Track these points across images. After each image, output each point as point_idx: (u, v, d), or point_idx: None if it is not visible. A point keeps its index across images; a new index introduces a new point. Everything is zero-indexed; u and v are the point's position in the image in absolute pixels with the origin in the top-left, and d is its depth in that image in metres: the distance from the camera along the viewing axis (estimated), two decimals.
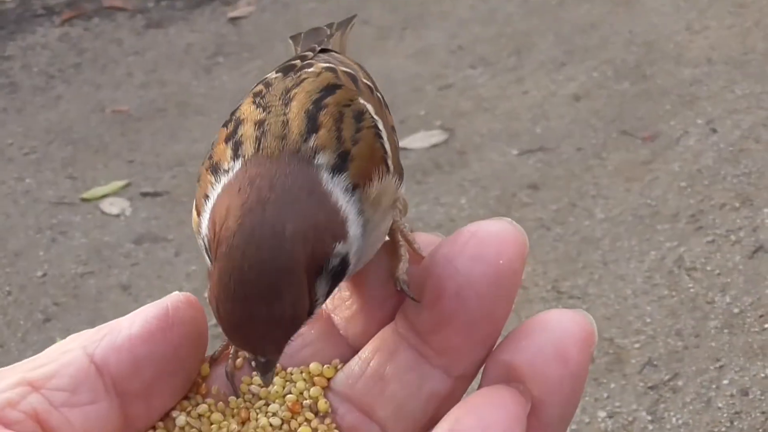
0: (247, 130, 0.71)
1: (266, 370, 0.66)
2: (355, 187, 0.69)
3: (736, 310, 3.31)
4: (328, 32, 0.99)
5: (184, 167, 4.41)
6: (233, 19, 5.68)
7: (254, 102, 0.74)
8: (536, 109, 4.51)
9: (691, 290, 3.41)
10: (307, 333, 0.70)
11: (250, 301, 0.62)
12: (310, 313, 0.65)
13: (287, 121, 0.70)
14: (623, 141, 4.19)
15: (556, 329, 0.59)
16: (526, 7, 5.33)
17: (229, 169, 0.69)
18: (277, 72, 0.80)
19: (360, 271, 0.71)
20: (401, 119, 4.45)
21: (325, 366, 0.69)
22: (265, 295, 0.62)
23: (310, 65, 0.80)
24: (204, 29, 5.59)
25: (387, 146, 0.76)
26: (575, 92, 4.56)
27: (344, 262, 0.66)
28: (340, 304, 0.71)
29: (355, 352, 0.68)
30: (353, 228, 0.68)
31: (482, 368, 0.64)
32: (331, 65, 0.81)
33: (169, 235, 4.00)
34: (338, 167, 0.69)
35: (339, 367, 0.69)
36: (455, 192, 4.10)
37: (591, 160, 4.11)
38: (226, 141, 0.72)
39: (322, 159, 0.68)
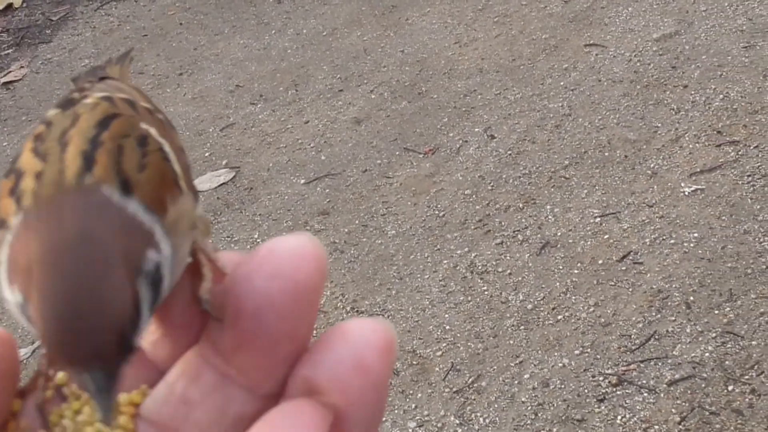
0: (27, 183, 0.66)
1: (101, 392, 0.59)
2: (151, 210, 0.65)
3: (529, 306, 3.36)
4: (107, 69, 0.95)
5: None
6: (6, 84, 5.51)
7: (34, 149, 0.69)
8: (319, 137, 4.51)
9: (486, 293, 3.45)
10: None
11: (73, 303, 0.58)
12: (138, 316, 0.60)
13: (63, 169, 0.66)
14: (406, 157, 4.23)
15: (354, 339, 0.56)
16: (299, 40, 5.34)
17: (13, 224, 0.64)
18: (57, 107, 0.75)
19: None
20: None
21: (133, 392, 0.64)
22: (87, 295, 0.58)
23: (87, 97, 0.76)
24: None
25: (177, 168, 0.72)
26: (355, 116, 4.59)
27: (159, 271, 0.62)
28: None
29: (164, 376, 0.64)
30: (159, 238, 0.64)
31: None
32: (107, 94, 0.76)
33: None
34: (125, 192, 0.64)
35: (147, 392, 0.64)
36: (248, 228, 4.05)
37: (377, 180, 4.13)
38: (10, 194, 0.67)
39: (107, 188, 0.64)
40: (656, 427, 2.92)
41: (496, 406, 3.07)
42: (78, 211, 0.62)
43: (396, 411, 3.09)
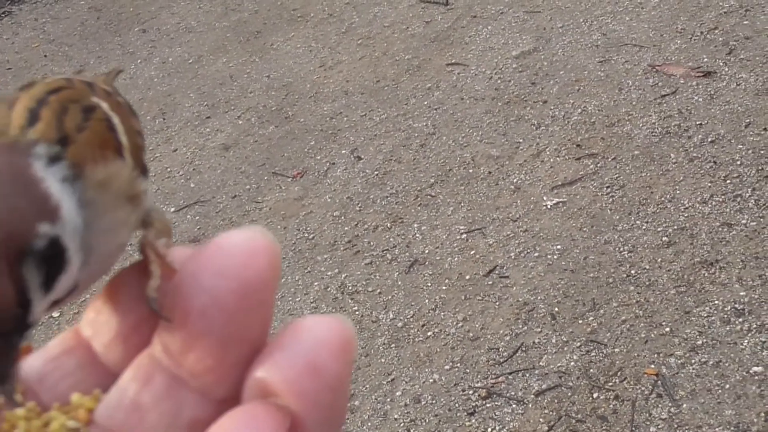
0: None
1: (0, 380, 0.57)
2: (76, 170, 0.63)
3: (400, 324, 3.40)
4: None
5: None
6: None
7: None
8: (188, 165, 4.50)
9: (357, 312, 3.48)
10: (65, 363, 0.63)
11: None
12: (26, 303, 0.58)
13: (9, 122, 0.64)
14: (275, 182, 4.24)
15: (308, 338, 0.53)
16: (165, 69, 5.32)
17: None
18: (18, 89, 0.73)
19: (114, 292, 0.64)
20: None
21: (86, 397, 0.62)
22: None
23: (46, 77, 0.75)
24: None
25: (123, 139, 0.70)
26: (223, 143, 4.58)
27: (57, 246, 0.60)
28: (97, 330, 0.63)
29: (117, 379, 0.60)
30: (68, 210, 0.61)
31: None
32: (67, 76, 0.75)
33: None
34: (56, 155, 0.63)
35: (100, 397, 0.62)
36: (119, 259, 4.00)
37: (247, 205, 4.13)
38: None
39: (40, 149, 0.62)
40: None
41: (369, 424, 3.09)
42: None
43: None
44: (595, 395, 3.03)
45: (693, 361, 3.07)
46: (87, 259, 0.64)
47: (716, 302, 3.23)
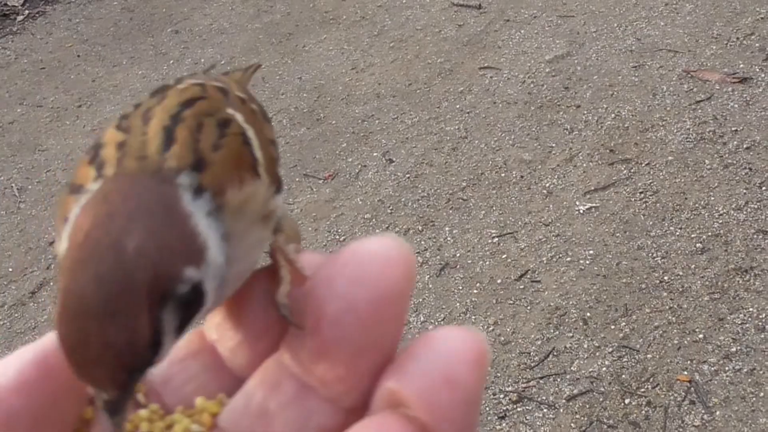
0: (109, 152, 0.64)
1: (113, 412, 0.57)
2: (218, 200, 0.62)
3: (430, 327, 3.38)
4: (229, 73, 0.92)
5: None
6: None
7: (117, 125, 0.67)
8: None
9: None
10: (190, 366, 0.63)
11: (84, 320, 0.55)
12: (157, 344, 0.58)
13: (146, 141, 0.64)
14: (307, 183, 4.24)
15: (443, 350, 0.52)
16: (197, 69, 5.33)
17: (89, 189, 0.62)
18: (150, 93, 0.73)
19: (242, 297, 0.64)
20: None
21: (210, 401, 0.61)
22: (99, 313, 0.55)
23: (181, 82, 0.74)
24: None
25: (258, 154, 0.69)
26: None
27: (198, 290, 0.59)
28: (223, 334, 0.63)
29: (242, 384, 0.60)
30: (213, 250, 0.61)
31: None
32: (200, 81, 0.74)
33: None
34: (200, 185, 0.62)
35: (225, 401, 0.61)
36: None
37: None
38: (89, 164, 0.65)
39: (185, 179, 0.61)
40: None
41: None
42: (140, 205, 0.60)
43: None
44: (627, 401, 3.01)
45: (727, 368, 3.04)
46: (220, 293, 0.62)
47: (750, 309, 3.20)
